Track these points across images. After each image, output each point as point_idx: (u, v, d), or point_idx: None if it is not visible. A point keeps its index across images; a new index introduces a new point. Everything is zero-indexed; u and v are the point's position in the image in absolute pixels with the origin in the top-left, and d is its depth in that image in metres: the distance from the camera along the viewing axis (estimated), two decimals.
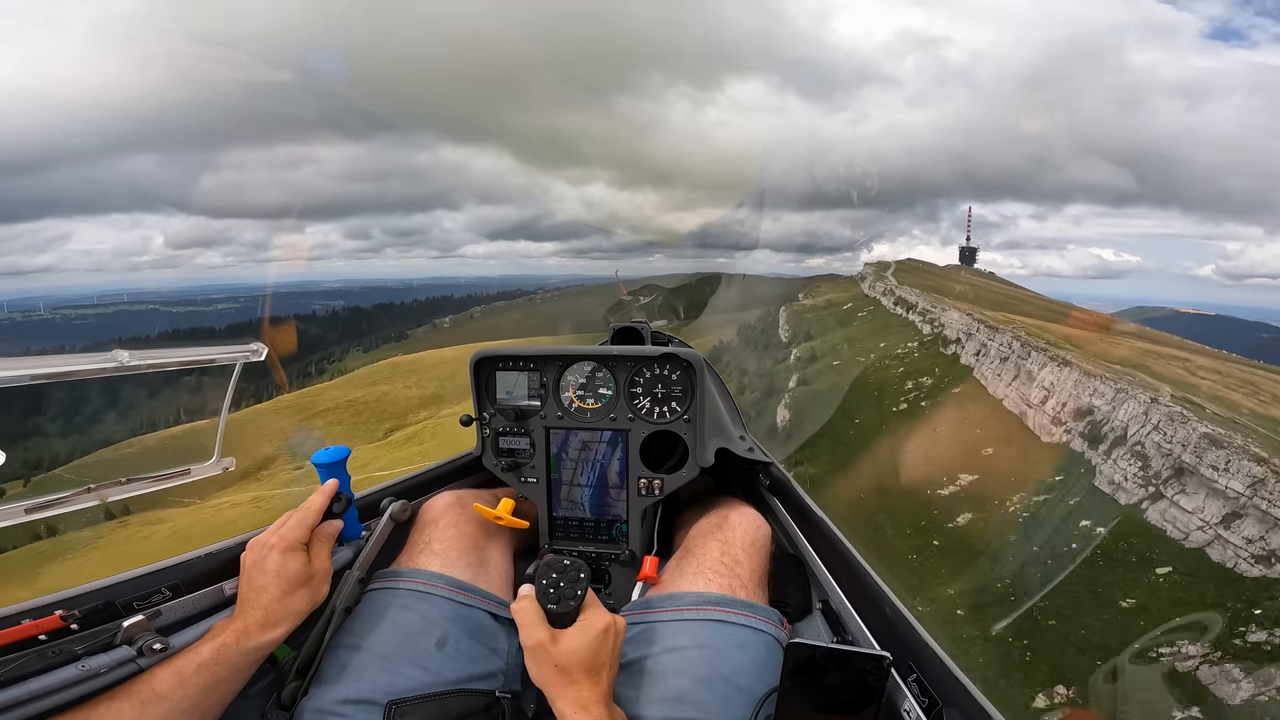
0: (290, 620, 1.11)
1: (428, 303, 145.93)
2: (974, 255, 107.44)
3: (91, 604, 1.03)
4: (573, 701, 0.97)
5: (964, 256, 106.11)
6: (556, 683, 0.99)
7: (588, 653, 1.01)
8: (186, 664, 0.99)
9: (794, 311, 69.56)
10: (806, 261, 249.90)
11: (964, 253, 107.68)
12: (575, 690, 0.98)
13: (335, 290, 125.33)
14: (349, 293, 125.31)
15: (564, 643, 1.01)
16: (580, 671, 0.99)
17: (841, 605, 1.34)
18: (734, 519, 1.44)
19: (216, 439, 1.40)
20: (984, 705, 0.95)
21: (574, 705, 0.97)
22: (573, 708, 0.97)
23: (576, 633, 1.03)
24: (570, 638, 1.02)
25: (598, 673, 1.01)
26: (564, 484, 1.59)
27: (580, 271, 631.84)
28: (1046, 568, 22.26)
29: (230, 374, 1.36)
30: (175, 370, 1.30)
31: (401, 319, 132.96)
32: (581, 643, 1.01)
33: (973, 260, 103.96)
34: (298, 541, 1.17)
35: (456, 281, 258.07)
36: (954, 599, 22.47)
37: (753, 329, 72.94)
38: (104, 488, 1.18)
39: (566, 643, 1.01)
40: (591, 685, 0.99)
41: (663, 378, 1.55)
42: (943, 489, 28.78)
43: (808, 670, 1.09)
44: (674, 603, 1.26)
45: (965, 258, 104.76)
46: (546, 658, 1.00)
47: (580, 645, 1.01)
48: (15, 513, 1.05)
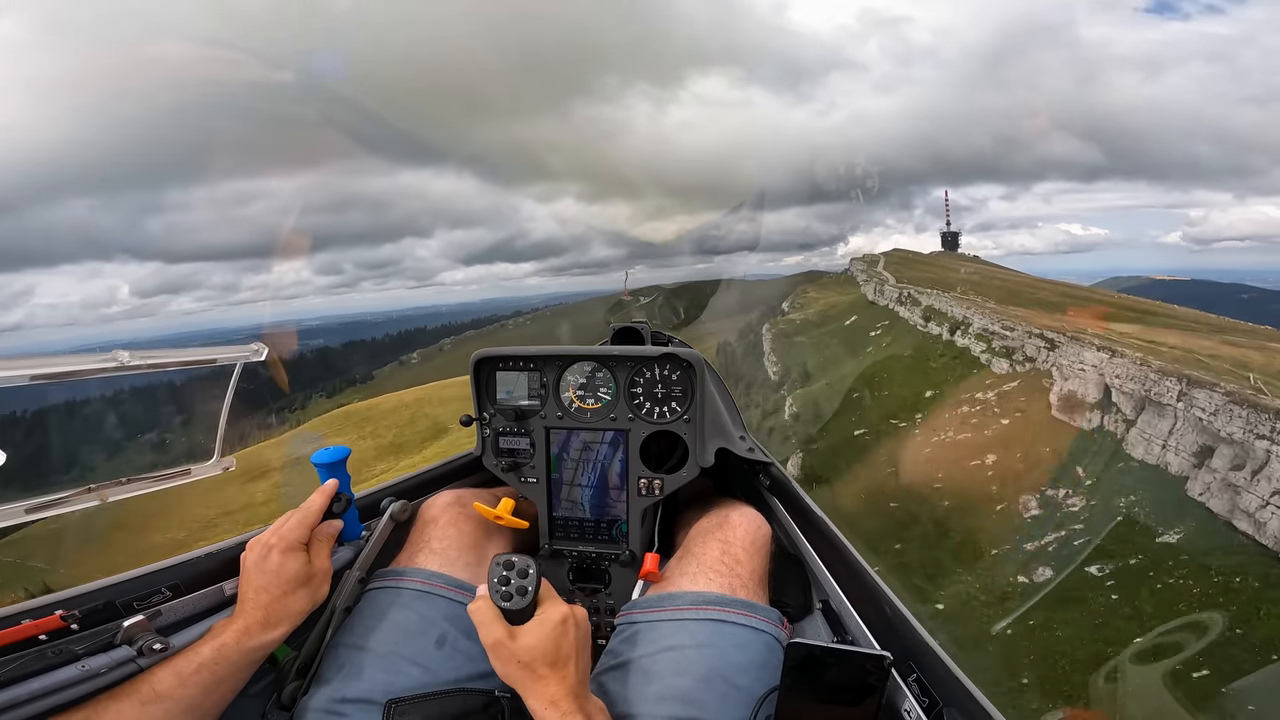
0: (290, 620, 1.12)
1: (400, 336, 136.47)
2: (956, 240, 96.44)
3: (91, 604, 1.03)
4: (541, 698, 0.97)
5: (946, 242, 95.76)
6: (522, 680, 0.99)
7: (549, 646, 1.00)
8: (187, 664, 1.00)
9: (780, 332, 53.10)
10: (784, 260, 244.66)
11: (946, 238, 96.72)
12: (542, 686, 0.98)
13: (315, 329, 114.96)
14: (328, 330, 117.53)
15: (522, 638, 1.01)
16: (544, 666, 0.99)
17: (841, 605, 1.34)
18: (734, 519, 1.44)
19: (217, 439, 1.40)
20: (984, 705, 0.95)
21: (543, 701, 0.97)
22: (542, 704, 0.96)
23: (534, 627, 1.02)
24: (528, 633, 1.01)
25: (563, 666, 1.00)
26: (564, 484, 1.59)
27: (562, 289, 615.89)
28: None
29: (230, 374, 1.37)
30: (175, 370, 1.30)
31: (371, 357, 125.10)
32: (540, 637, 1.01)
33: (955, 245, 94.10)
34: (298, 541, 1.18)
35: (438, 310, 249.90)
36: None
37: (733, 351, 57.63)
38: (104, 488, 1.18)
39: (525, 638, 1.01)
40: (558, 680, 0.99)
41: (663, 378, 1.55)
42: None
43: (808, 670, 1.09)
44: (674, 602, 1.26)
45: (948, 243, 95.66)
46: (507, 655, 1.00)
47: (539, 639, 1.00)
48: (15, 513, 1.06)
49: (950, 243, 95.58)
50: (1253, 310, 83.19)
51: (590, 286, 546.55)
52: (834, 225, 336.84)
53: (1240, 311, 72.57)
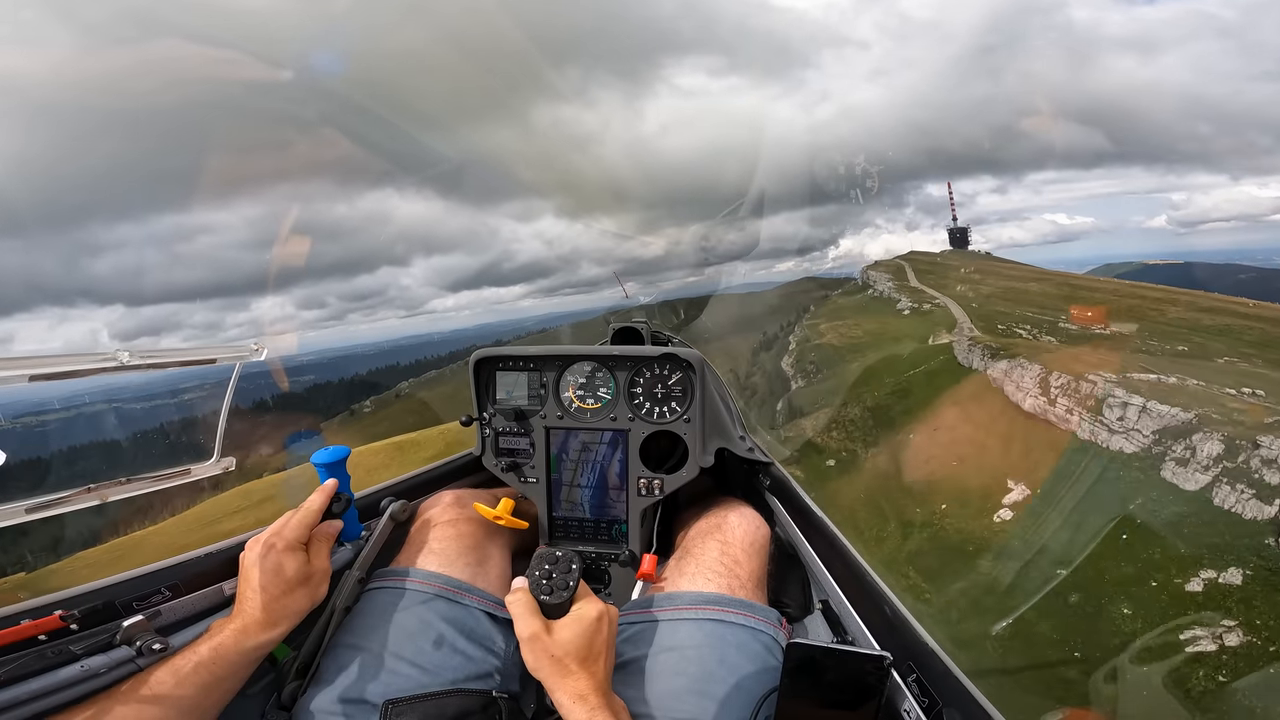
0: (289, 620, 1.11)
1: (369, 376, 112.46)
2: (966, 236, 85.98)
3: (91, 604, 1.03)
4: (569, 692, 0.98)
5: (955, 239, 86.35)
6: (553, 673, 1.00)
7: (582, 642, 1.02)
8: (185, 663, 0.99)
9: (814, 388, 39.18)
10: (776, 266, 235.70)
11: (955, 234, 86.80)
12: (572, 681, 0.99)
13: (307, 365, 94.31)
14: (319, 366, 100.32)
15: (558, 633, 1.02)
16: (575, 661, 1.00)
17: (841, 605, 1.34)
18: (734, 519, 1.44)
19: (217, 439, 1.40)
20: (984, 705, 0.95)
21: (571, 695, 0.97)
22: (570, 698, 0.97)
23: (570, 623, 1.04)
24: (564, 628, 1.03)
25: (593, 662, 1.01)
26: (564, 484, 1.59)
27: (556, 310, 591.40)
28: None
29: (230, 374, 1.37)
30: (174, 370, 1.30)
31: (336, 399, 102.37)
32: (576, 632, 1.02)
33: (966, 242, 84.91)
34: (297, 541, 1.17)
35: (430, 338, 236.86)
36: None
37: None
38: (104, 487, 1.18)
39: (561, 633, 1.02)
40: (588, 675, 1.00)
41: (663, 378, 1.55)
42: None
43: (807, 670, 1.09)
44: (673, 602, 1.26)
45: (956, 240, 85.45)
46: (542, 648, 1.01)
47: (574, 635, 1.02)
48: (16, 512, 1.06)
49: (959, 239, 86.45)
50: (1256, 288, 79.24)
51: (586, 305, 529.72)
52: (824, 228, 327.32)
53: (1243, 290, 71.01)
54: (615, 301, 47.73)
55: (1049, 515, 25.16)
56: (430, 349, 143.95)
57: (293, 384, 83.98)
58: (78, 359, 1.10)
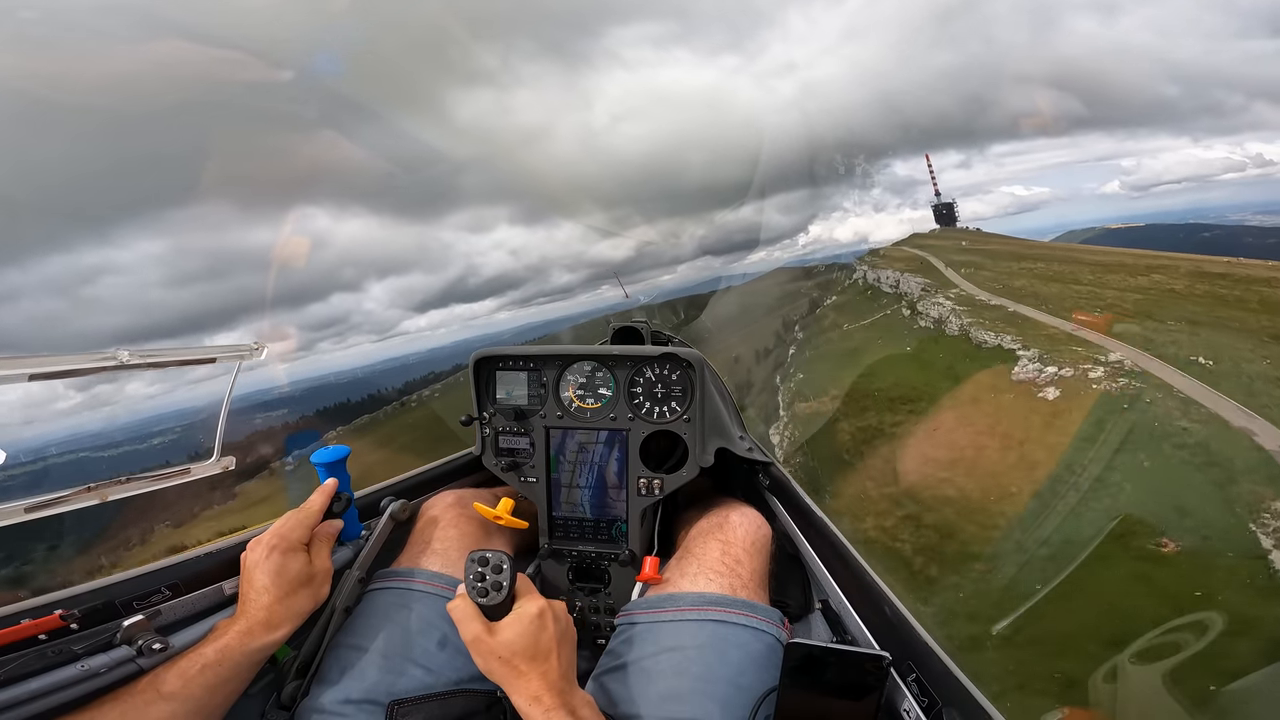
0: (293, 621, 1.12)
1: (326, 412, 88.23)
2: (953, 212, 76.87)
3: (91, 604, 1.03)
4: (524, 694, 0.97)
5: (941, 216, 77.65)
6: (505, 675, 0.99)
7: (527, 641, 1.01)
8: (191, 664, 1.00)
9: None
10: (748, 258, 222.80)
11: (940, 211, 77.82)
12: (524, 682, 0.98)
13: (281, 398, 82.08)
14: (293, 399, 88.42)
15: (501, 634, 1.01)
16: (523, 661, 0.99)
17: (841, 605, 1.34)
18: (734, 519, 1.44)
19: (216, 438, 1.40)
20: (984, 705, 0.95)
21: (526, 698, 0.96)
22: (525, 700, 0.96)
23: (512, 622, 1.03)
24: (507, 628, 1.02)
25: (543, 660, 1.00)
26: (564, 484, 1.58)
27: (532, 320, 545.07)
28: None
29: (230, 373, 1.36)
30: (173, 369, 1.30)
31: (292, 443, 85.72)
32: (518, 631, 1.01)
33: (953, 218, 76.51)
34: (298, 541, 1.18)
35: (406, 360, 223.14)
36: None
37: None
38: (104, 486, 1.18)
39: (504, 633, 1.01)
40: (538, 675, 0.99)
41: (663, 377, 1.55)
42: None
43: (807, 670, 1.09)
44: (674, 603, 1.26)
45: (943, 217, 77.74)
46: (487, 650, 1.00)
47: (517, 634, 1.01)
48: (15, 512, 1.05)
49: (946, 216, 78.67)
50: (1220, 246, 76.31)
51: (564, 312, 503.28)
52: (793, 215, 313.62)
53: (1207, 248, 68.06)
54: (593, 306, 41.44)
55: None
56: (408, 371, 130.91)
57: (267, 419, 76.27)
58: (77, 358, 1.10)
